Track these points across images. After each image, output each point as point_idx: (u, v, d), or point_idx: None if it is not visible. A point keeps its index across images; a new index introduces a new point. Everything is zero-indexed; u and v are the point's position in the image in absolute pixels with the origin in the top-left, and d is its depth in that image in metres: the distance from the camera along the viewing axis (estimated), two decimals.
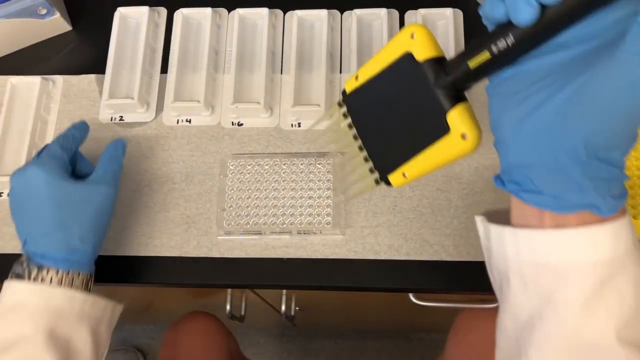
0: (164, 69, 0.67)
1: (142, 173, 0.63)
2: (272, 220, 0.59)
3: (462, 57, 0.36)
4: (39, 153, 0.54)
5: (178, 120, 0.65)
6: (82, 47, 0.70)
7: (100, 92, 0.66)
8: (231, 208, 0.60)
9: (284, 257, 0.59)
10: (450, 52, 0.63)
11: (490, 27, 0.35)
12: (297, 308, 0.97)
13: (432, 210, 0.59)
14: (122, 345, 1.38)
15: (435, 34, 0.65)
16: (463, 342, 0.78)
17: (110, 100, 0.64)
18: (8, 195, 0.55)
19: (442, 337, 0.86)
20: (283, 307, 0.92)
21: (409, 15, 0.66)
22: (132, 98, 0.63)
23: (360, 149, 0.45)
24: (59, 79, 0.68)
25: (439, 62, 0.38)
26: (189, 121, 0.65)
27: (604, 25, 0.32)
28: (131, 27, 0.68)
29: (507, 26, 0.33)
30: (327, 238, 0.59)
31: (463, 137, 0.37)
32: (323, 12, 0.66)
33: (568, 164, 0.32)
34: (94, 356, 0.52)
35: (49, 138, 0.65)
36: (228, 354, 0.85)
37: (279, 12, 0.68)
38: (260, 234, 0.60)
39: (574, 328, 0.34)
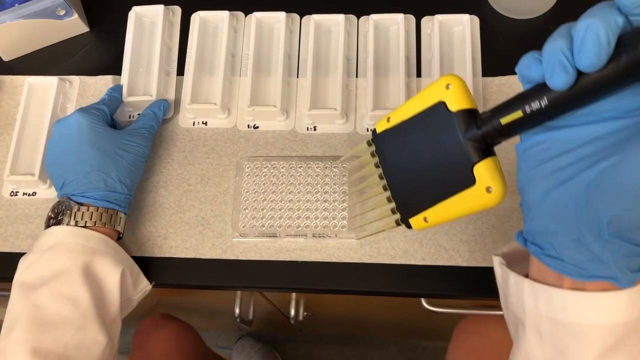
0: (181, 72, 0.67)
1: (158, 174, 0.63)
2: (287, 223, 0.59)
3: (495, 112, 0.37)
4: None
5: (194, 122, 0.65)
6: (99, 48, 0.70)
7: None
8: (246, 210, 0.60)
9: (298, 260, 0.59)
10: (466, 60, 0.63)
11: (525, 85, 0.35)
12: (305, 313, 0.96)
13: None
14: (126, 349, 1.37)
15: (451, 40, 0.65)
16: (464, 346, 0.78)
17: (128, 98, 0.64)
18: (47, 143, 0.59)
19: (447, 344, 0.85)
20: (292, 312, 0.92)
21: (426, 20, 0.67)
22: (151, 95, 0.64)
23: (385, 188, 0.46)
24: (76, 79, 0.68)
25: (471, 114, 0.39)
26: (205, 123, 0.65)
27: (635, 106, 0.32)
28: (146, 26, 0.69)
29: (542, 87, 0.33)
30: (342, 242, 0.59)
31: (488, 190, 0.38)
32: (340, 17, 0.66)
33: (590, 240, 0.33)
34: (119, 301, 0.54)
35: None
36: (196, 355, 0.85)
37: (296, 16, 0.69)
38: (275, 236, 0.60)
39: None
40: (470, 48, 0.63)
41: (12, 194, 0.64)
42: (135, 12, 0.68)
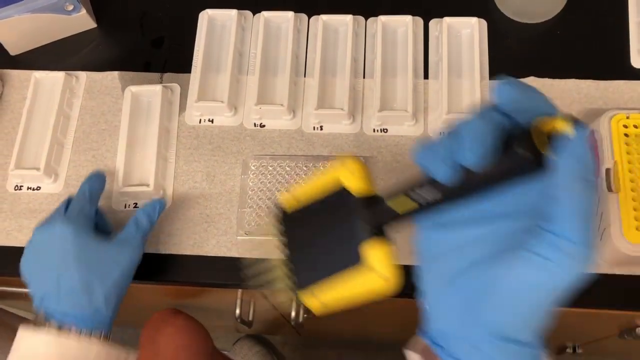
0: (188, 69, 0.67)
1: None
2: None
3: (387, 197, 0.38)
4: (66, 206, 0.55)
5: (200, 120, 0.65)
6: (106, 44, 0.70)
7: (123, 89, 0.66)
8: (252, 209, 0.60)
9: None
10: (474, 62, 0.63)
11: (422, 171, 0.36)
12: (305, 315, 0.96)
13: None
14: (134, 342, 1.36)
15: (459, 42, 0.65)
16: None
17: (124, 188, 0.62)
18: (26, 246, 0.54)
19: None
20: (293, 313, 0.92)
21: (434, 23, 0.67)
22: (148, 185, 0.61)
23: (287, 262, 0.47)
24: (83, 75, 0.68)
25: (369, 198, 0.40)
26: (212, 121, 0.65)
27: (522, 208, 0.33)
28: (143, 106, 0.66)
29: (431, 177, 0.34)
30: None
31: (373, 271, 0.38)
32: (348, 18, 0.66)
33: (481, 342, 0.34)
34: None
35: (71, 133, 0.66)
36: (206, 352, 0.85)
37: (304, 16, 0.69)
38: None
39: None
40: (478, 51, 0.63)
41: (16, 188, 0.64)
42: (132, 92, 0.64)
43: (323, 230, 0.43)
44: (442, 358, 0.36)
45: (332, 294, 0.42)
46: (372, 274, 0.38)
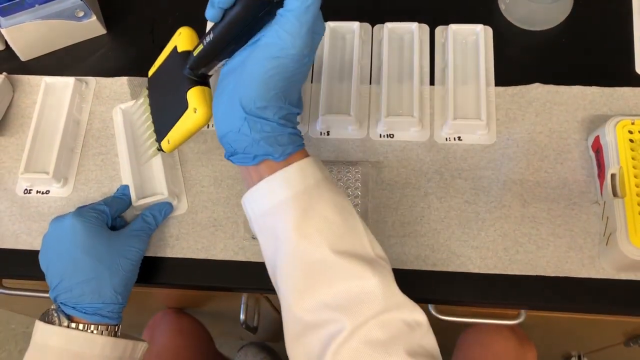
0: None
1: None
2: None
3: (194, 49, 0.49)
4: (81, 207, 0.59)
5: (209, 125, 0.66)
6: (115, 50, 0.71)
7: (132, 95, 0.67)
8: None
9: None
10: (479, 69, 0.64)
11: None
12: None
13: (459, 222, 0.59)
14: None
15: (465, 49, 0.66)
16: (467, 356, 0.77)
17: (138, 201, 0.61)
18: (43, 238, 0.56)
19: (448, 358, 0.85)
20: None
21: (440, 30, 0.68)
22: (162, 194, 0.61)
23: (153, 122, 0.56)
24: (92, 80, 0.69)
25: (187, 52, 0.51)
26: None
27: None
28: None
29: (214, 25, 0.46)
30: None
31: (195, 111, 0.49)
32: (355, 24, 0.67)
33: (240, 125, 0.44)
34: None
35: (80, 138, 0.66)
36: (207, 353, 0.85)
37: None
38: None
39: (297, 251, 0.43)
40: (484, 58, 0.64)
41: (25, 191, 0.64)
42: (122, 110, 0.64)
43: (167, 88, 0.53)
44: (230, 160, 0.47)
45: (176, 136, 0.52)
46: (195, 114, 0.49)
